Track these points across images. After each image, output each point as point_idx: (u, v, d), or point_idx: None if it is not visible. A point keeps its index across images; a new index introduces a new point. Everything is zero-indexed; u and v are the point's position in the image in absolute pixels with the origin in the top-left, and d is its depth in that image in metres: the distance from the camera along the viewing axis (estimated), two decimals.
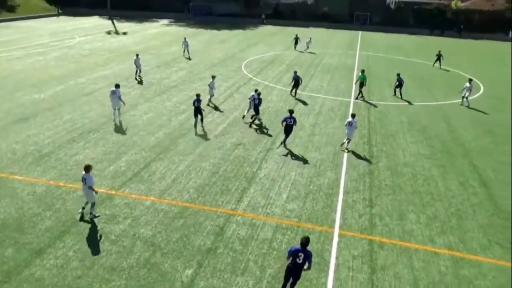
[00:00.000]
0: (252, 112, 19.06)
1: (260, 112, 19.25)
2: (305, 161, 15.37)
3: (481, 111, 22.82)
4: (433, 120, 20.88)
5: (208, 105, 21.31)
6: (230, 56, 35.55)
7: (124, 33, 46.90)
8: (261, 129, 18.47)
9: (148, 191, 12.75)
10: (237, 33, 51.46)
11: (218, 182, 13.53)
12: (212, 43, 42.59)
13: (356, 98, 24.01)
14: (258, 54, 37.31)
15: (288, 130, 16.42)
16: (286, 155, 15.82)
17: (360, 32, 56.10)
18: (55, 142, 16.05)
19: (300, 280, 8.54)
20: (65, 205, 11.77)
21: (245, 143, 16.78)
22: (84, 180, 10.67)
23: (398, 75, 24.73)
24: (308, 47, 40.27)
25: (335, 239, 10.90)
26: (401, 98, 24.21)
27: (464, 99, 23.58)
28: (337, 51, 41.42)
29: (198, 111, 17.98)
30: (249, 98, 19.57)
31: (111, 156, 15.06)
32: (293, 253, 8.23)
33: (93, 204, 11.08)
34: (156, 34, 47.76)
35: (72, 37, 42.15)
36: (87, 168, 10.69)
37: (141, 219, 11.30)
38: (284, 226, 11.31)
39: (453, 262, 10.20)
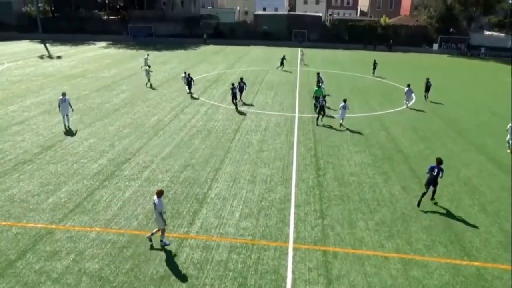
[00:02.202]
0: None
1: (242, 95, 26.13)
2: (255, 178, 15.40)
3: (415, 119, 24.42)
4: (373, 129, 21.96)
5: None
6: (173, 77, 35.16)
7: (59, 57, 44.80)
8: (209, 148, 18.29)
9: (92, 222, 12.02)
10: (179, 54, 51.19)
11: (168, 206, 13.11)
12: (153, 64, 41.87)
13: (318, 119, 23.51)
14: (201, 73, 37.29)
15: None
16: (236, 175, 15.77)
17: (299, 49, 58.19)
18: None
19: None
20: None
21: (193, 164, 16.50)
22: (154, 205, 10.45)
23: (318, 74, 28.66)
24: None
25: (290, 253, 10.93)
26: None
27: (406, 103, 27.37)
28: (279, 68, 42.52)
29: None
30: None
31: (49, 187, 14.07)
32: (431, 169, 13.18)
33: (163, 231, 10.78)
34: (94, 57, 46.14)
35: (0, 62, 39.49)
36: (160, 194, 10.47)
37: (86, 252, 10.59)
38: (238, 245, 11.15)
39: (402, 265, 10.62)
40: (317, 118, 22.33)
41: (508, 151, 19.29)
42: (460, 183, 15.62)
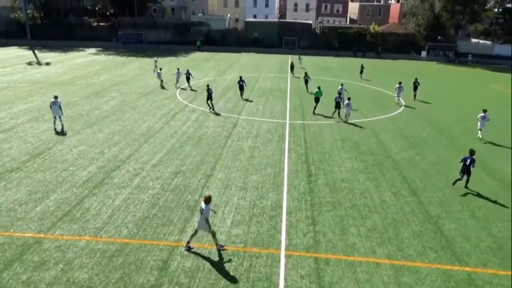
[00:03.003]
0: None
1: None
2: (246, 185, 15.35)
3: (405, 125, 24.66)
4: (363, 136, 22.11)
5: None
6: (163, 83, 35.02)
7: (47, 64, 44.40)
8: (200, 155, 18.20)
9: (81, 231, 11.83)
10: (170, 60, 51.11)
11: (159, 213, 12.98)
12: (144, 71, 41.78)
13: (313, 113, 26.25)
14: (192, 80, 37.18)
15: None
16: (228, 182, 15.69)
17: (289, 56, 58.55)
18: None
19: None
20: None
21: (184, 171, 16.39)
22: (201, 211, 10.59)
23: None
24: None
25: (282, 260, 10.88)
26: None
27: (397, 98, 30.12)
28: (269, 74, 42.75)
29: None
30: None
31: (37, 196, 13.84)
32: (464, 160, 15.24)
33: (213, 234, 10.99)
34: (83, 63, 45.84)
35: None
36: (208, 200, 10.63)
37: (75, 262, 10.40)
38: (230, 253, 11.07)
39: (394, 271, 10.63)
40: (333, 113, 25.33)
41: (479, 136, 22.46)
42: (450, 189, 15.75)
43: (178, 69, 34.54)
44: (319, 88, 26.97)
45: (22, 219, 12.29)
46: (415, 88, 31.67)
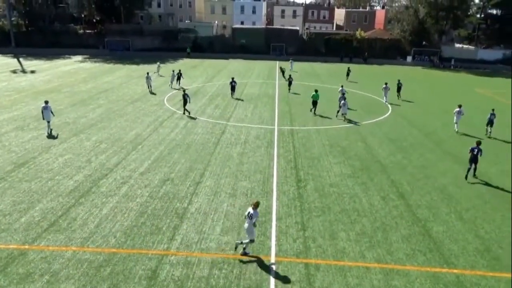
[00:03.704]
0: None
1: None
2: (236, 191, 15.29)
3: (391, 130, 24.92)
4: (351, 140, 22.26)
5: None
6: (151, 91, 34.84)
7: (32, 72, 43.82)
8: (189, 162, 18.09)
9: (68, 241, 11.62)
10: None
11: (147, 222, 12.83)
12: (131, 78, 41.51)
13: (314, 114, 27.87)
14: (182, 80, 37.07)
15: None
16: (217, 188, 15.61)
17: (277, 62, 58.80)
18: None
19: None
20: None
21: (173, 178, 16.26)
22: (250, 216, 10.78)
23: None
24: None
25: (273, 267, 10.82)
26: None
27: (385, 98, 33.08)
28: (257, 80, 42.87)
29: None
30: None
31: (22, 206, 13.56)
32: (472, 150, 16.78)
33: (252, 241, 11.12)
34: (69, 71, 45.36)
35: None
36: (257, 205, 10.94)
37: (61, 273, 10.19)
38: (220, 260, 10.98)
39: (384, 275, 10.66)
40: (337, 111, 27.17)
41: (456, 131, 24.51)
42: (437, 192, 15.93)
43: (173, 70, 37.59)
44: (316, 91, 28.27)
45: (6, 230, 12.02)
46: (399, 89, 35.01)
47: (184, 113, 26.67)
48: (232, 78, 33.71)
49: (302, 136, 22.79)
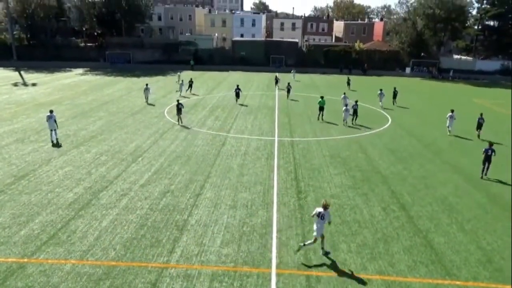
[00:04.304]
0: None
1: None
2: (236, 203, 15.24)
3: (391, 140, 24.95)
4: (351, 151, 22.27)
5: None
6: (151, 103, 35.02)
7: (34, 85, 44.08)
8: (189, 173, 18.07)
9: (67, 254, 11.54)
10: (157, 79, 51.23)
11: (147, 234, 12.77)
12: (131, 91, 41.73)
13: (321, 120, 29.53)
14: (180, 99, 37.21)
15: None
16: (217, 200, 15.57)
17: (276, 74, 59.14)
18: None
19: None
20: None
21: (173, 190, 16.23)
22: (322, 216, 11.52)
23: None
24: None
25: (273, 279, 10.73)
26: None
27: (381, 103, 35.65)
28: (257, 92, 43.08)
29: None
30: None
31: (21, 219, 13.51)
32: (486, 151, 17.99)
33: (323, 237, 11.73)
34: (70, 84, 45.63)
35: None
36: (327, 206, 11.64)
37: (60, 287, 10.10)
38: (220, 273, 10.89)
39: (386, 287, 10.56)
40: (352, 119, 28.77)
41: (448, 134, 26.53)
42: (438, 202, 15.88)
43: (182, 80, 41.81)
44: (322, 97, 30.11)
45: (5, 243, 11.96)
46: (395, 95, 37.67)
47: (178, 122, 27.42)
48: (237, 86, 36.51)
49: (302, 147, 22.81)
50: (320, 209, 11.60)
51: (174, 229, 13.17)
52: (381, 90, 36.14)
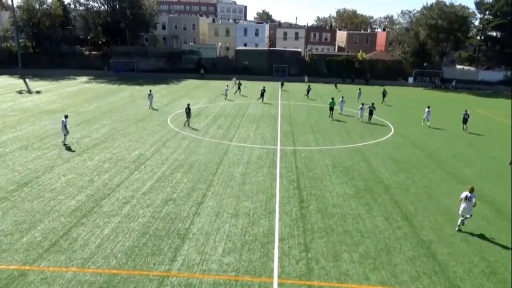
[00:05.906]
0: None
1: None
2: (238, 212, 15.21)
3: (394, 150, 24.91)
4: (354, 161, 22.23)
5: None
6: (154, 111, 35.18)
7: (38, 92, 44.41)
8: (192, 182, 18.07)
9: (68, 262, 11.52)
10: (161, 88, 51.50)
11: (149, 242, 12.74)
12: (135, 99, 41.96)
13: (331, 119, 33.21)
14: (183, 107, 37.35)
15: None
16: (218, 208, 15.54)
17: (279, 83, 59.32)
18: None
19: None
20: None
21: (175, 198, 16.23)
22: (469, 198, 13.84)
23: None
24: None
25: None
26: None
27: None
28: (260, 101, 43.13)
29: None
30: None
31: (23, 226, 13.52)
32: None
33: (470, 216, 14.23)
34: (74, 91, 45.94)
35: None
36: (472, 189, 14.00)
37: None
38: (222, 282, 10.83)
39: None
40: (369, 118, 32.96)
41: (423, 124, 30.89)
42: (441, 213, 15.79)
43: (227, 85, 46.21)
44: (332, 99, 34.18)
45: (7, 250, 11.95)
46: (384, 95, 43.01)
47: (185, 125, 29.14)
48: (263, 87, 43.36)
49: (305, 156, 22.80)
50: (467, 193, 13.82)
51: (176, 237, 13.14)
52: (359, 89, 44.75)
